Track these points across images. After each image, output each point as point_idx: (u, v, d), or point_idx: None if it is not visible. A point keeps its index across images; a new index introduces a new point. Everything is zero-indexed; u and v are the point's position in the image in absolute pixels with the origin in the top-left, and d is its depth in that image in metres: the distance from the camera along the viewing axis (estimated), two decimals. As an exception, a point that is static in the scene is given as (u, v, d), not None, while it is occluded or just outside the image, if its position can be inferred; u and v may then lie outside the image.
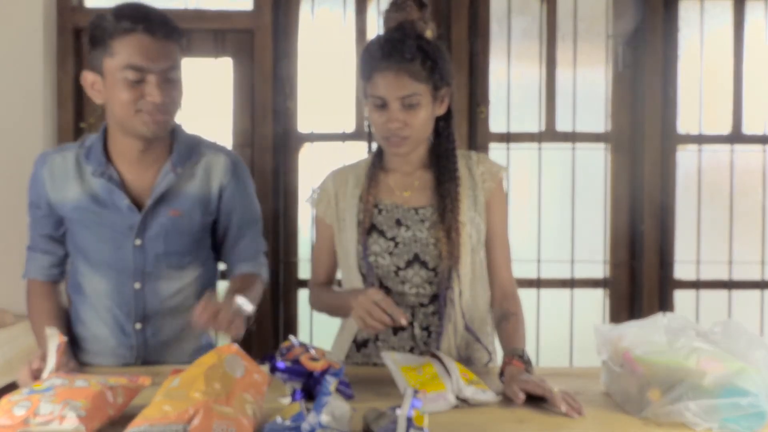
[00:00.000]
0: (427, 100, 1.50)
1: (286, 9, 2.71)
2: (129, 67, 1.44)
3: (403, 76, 1.47)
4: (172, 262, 1.60)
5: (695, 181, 2.77)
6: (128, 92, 1.45)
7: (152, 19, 1.46)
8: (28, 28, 2.54)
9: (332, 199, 1.65)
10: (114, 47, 1.44)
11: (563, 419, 1.24)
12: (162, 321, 1.61)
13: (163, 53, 1.46)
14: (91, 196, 1.56)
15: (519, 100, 2.77)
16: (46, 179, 1.59)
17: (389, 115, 1.49)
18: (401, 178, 1.62)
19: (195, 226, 1.61)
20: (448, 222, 1.54)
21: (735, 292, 2.77)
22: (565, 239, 2.76)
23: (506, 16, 2.75)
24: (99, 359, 1.63)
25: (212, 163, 1.62)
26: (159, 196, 1.56)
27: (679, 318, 1.33)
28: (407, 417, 1.06)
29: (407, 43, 1.47)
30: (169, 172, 1.57)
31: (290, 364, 1.30)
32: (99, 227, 1.57)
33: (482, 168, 1.62)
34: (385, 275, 1.57)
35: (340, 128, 2.74)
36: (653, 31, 2.71)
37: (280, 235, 2.71)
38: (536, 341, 2.71)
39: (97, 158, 1.56)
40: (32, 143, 2.54)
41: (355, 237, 1.59)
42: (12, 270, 2.44)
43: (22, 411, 1.11)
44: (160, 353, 1.63)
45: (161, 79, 1.46)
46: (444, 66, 1.52)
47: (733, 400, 1.15)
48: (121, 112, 1.48)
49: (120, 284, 1.59)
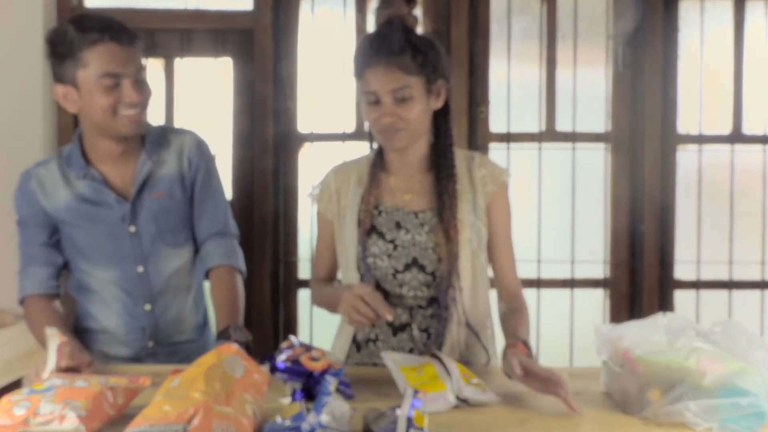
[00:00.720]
0: (420, 92, 1.50)
1: (286, 9, 2.71)
2: (105, 75, 1.54)
3: (393, 69, 1.47)
4: (168, 241, 1.70)
5: (695, 181, 2.77)
6: (107, 98, 1.56)
7: (115, 27, 1.56)
8: (28, 28, 2.53)
9: (333, 195, 1.65)
10: (85, 58, 1.54)
11: (563, 419, 1.24)
12: (168, 299, 1.71)
13: (131, 58, 1.58)
14: (80, 197, 1.66)
15: (519, 100, 2.77)
16: (37, 190, 1.68)
17: (382, 109, 1.49)
18: (402, 181, 1.62)
19: (179, 204, 1.71)
20: (446, 220, 1.54)
21: (735, 292, 2.77)
22: (565, 239, 2.76)
23: (506, 16, 2.75)
24: (112, 348, 1.71)
25: (181, 143, 1.74)
26: (141, 184, 1.67)
27: (679, 318, 1.33)
28: (407, 417, 1.06)
29: (395, 37, 1.48)
30: (147, 161, 1.68)
31: (290, 364, 1.30)
32: (93, 225, 1.66)
33: (483, 171, 1.61)
34: (383, 277, 1.58)
35: (340, 128, 2.74)
36: (653, 31, 2.70)
37: (280, 235, 2.71)
38: (536, 341, 2.71)
39: (78, 162, 1.66)
40: (32, 143, 2.54)
41: (355, 237, 1.59)
42: (12, 270, 2.44)
43: (22, 411, 1.11)
44: (168, 331, 1.73)
45: (134, 81, 1.57)
46: (436, 58, 1.52)
47: (733, 400, 1.15)
48: (102, 116, 1.58)
49: (124, 271, 1.68)
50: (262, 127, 2.69)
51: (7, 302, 2.42)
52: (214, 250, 1.73)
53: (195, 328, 1.78)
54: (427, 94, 1.52)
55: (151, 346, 1.71)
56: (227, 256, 1.73)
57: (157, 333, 1.71)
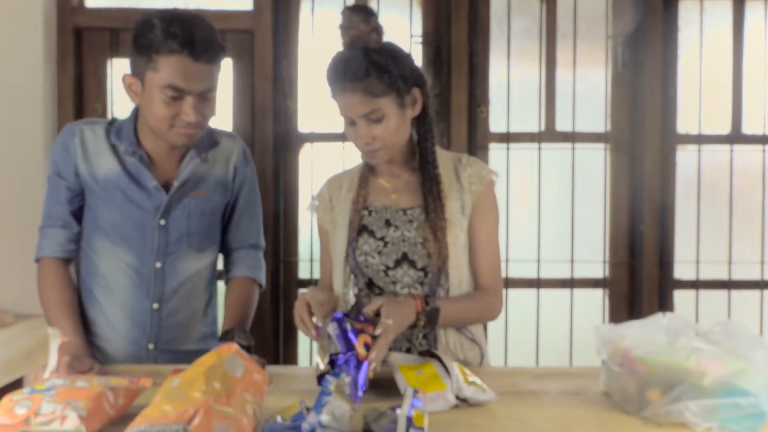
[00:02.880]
0: (393, 109, 1.51)
1: (286, 9, 2.71)
2: (169, 87, 1.50)
3: (360, 96, 1.48)
4: (193, 243, 1.68)
5: (695, 181, 2.77)
6: (165, 109, 1.52)
7: (198, 43, 1.49)
8: (28, 28, 2.53)
9: (327, 205, 1.68)
10: (158, 63, 1.49)
11: (563, 419, 1.24)
12: (178, 302, 1.68)
13: (203, 76, 1.52)
14: (125, 170, 1.63)
15: (519, 100, 2.77)
16: (78, 149, 1.64)
17: (357, 132, 1.53)
18: (389, 180, 1.64)
19: (215, 208, 1.70)
20: (433, 222, 1.55)
21: (735, 292, 2.77)
22: (565, 239, 2.76)
23: (506, 16, 2.75)
24: (110, 345, 1.67)
25: (230, 149, 1.74)
26: (185, 179, 1.65)
27: (679, 318, 1.33)
28: (407, 417, 1.07)
29: (357, 63, 1.47)
30: (195, 157, 1.65)
31: (351, 330, 1.30)
32: (126, 204, 1.63)
33: (469, 171, 1.61)
34: (375, 275, 1.59)
35: (340, 128, 2.73)
36: (653, 31, 2.71)
37: (280, 235, 2.71)
38: (536, 341, 2.71)
39: (129, 138, 1.63)
40: (32, 143, 2.54)
41: (345, 237, 1.60)
42: (12, 270, 2.45)
43: (24, 410, 1.11)
44: (171, 336, 1.68)
45: (198, 99, 1.53)
46: (404, 71, 1.51)
47: (733, 400, 1.15)
48: (156, 123, 1.55)
49: (140, 263, 1.64)
50: (262, 127, 2.70)
51: (7, 302, 2.43)
52: (242, 260, 1.75)
53: (201, 338, 1.74)
54: (401, 107, 1.53)
55: (151, 349, 1.66)
56: (252, 269, 1.75)
57: (159, 335, 1.66)
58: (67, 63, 2.64)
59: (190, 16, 1.53)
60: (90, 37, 2.69)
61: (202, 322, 1.74)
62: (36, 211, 1.75)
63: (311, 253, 2.73)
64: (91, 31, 2.68)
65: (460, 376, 1.31)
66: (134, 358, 1.67)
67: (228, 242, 1.76)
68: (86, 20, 2.66)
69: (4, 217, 2.52)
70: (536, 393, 1.37)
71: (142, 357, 1.67)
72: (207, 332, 1.76)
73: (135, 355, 1.67)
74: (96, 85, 2.70)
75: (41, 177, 2.48)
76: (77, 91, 2.67)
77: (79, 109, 2.69)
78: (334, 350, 1.31)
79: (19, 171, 2.53)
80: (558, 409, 1.28)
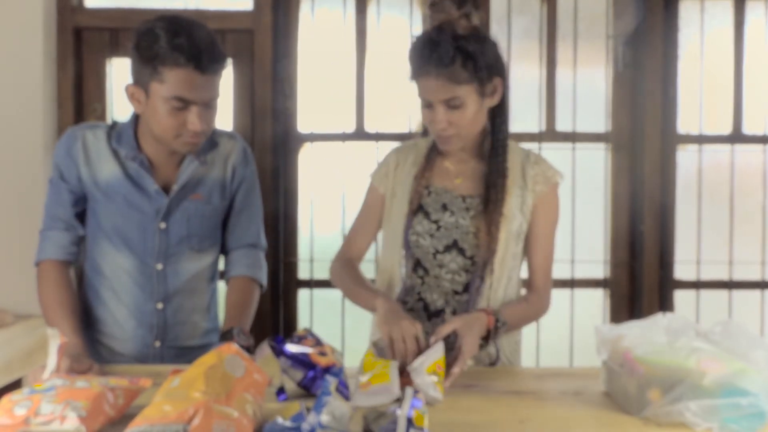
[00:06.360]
0: (473, 98, 1.51)
1: (286, 9, 2.71)
2: (175, 98, 1.51)
3: (443, 81, 1.47)
4: (194, 245, 1.69)
5: (695, 181, 2.77)
6: (171, 119, 1.53)
7: (204, 55, 1.50)
8: (28, 28, 2.53)
9: (391, 171, 1.68)
10: (164, 75, 1.49)
11: (563, 419, 1.24)
12: (181, 301, 1.70)
13: (208, 86, 1.53)
14: (126, 174, 1.65)
15: (519, 100, 2.77)
16: (80, 154, 1.65)
17: (434, 116, 1.51)
18: (456, 165, 1.64)
19: (214, 210, 1.71)
20: (490, 214, 1.55)
21: (735, 292, 2.77)
22: (565, 239, 2.76)
23: (506, 16, 2.75)
24: (118, 343, 1.69)
25: (229, 149, 1.74)
26: (184, 182, 1.66)
27: (679, 318, 1.33)
28: (407, 417, 1.07)
29: (445, 48, 1.46)
30: (194, 160, 1.66)
31: (298, 353, 1.31)
32: (127, 208, 1.64)
33: (536, 169, 1.62)
34: (424, 256, 1.60)
35: (340, 128, 2.74)
36: (653, 31, 2.70)
37: (280, 235, 2.71)
38: (536, 341, 2.71)
39: (129, 142, 1.64)
40: (32, 143, 2.53)
41: (403, 214, 1.61)
42: (12, 270, 2.45)
43: (23, 410, 1.11)
44: (177, 333, 1.71)
45: (203, 108, 1.54)
46: (489, 60, 1.51)
47: (733, 400, 1.15)
48: (162, 133, 1.56)
49: (143, 264, 1.66)
50: (262, 128, 2.69)
51: (7, 302, 2.43)
52: (241, 260, 1.75)
53: (205, 333, 1.76)
54: (481, 96, 1.52)
55: (158, 346, 1.69)
56: (252, 269, 1.75)
57: (165, 333, 1.69)
58: (66, 63, 2.64)
59: (192, 24, 1.53)
60: (90, 37, 2.68)
61: (205, 318, 1.76)
62: (36, 211, 1.75)
63: (311, 254, 2.73)
64: (91, 31, 2.68)
65: (431, 364, 1.32)
66: (141, 355, 1.69)
67: (227, 242, 1.77)
68: (86, 20, 2.66)
69: (4, 218, 2.52)
70: (536, 393, 1.37)
71: (148, 354, 1.70)
72: (210, 327, 1.78)
73: (142, 352, 1.70)
74: (96, 85, 2.70)
75: (41, 177, 2.48)
76: (77, 90, 2.66)
77: (78, 109, 2.69)
78: (300, 377, 1.33)
79: (19, 171, 2.53)
80: (558, 409, 1.28)
